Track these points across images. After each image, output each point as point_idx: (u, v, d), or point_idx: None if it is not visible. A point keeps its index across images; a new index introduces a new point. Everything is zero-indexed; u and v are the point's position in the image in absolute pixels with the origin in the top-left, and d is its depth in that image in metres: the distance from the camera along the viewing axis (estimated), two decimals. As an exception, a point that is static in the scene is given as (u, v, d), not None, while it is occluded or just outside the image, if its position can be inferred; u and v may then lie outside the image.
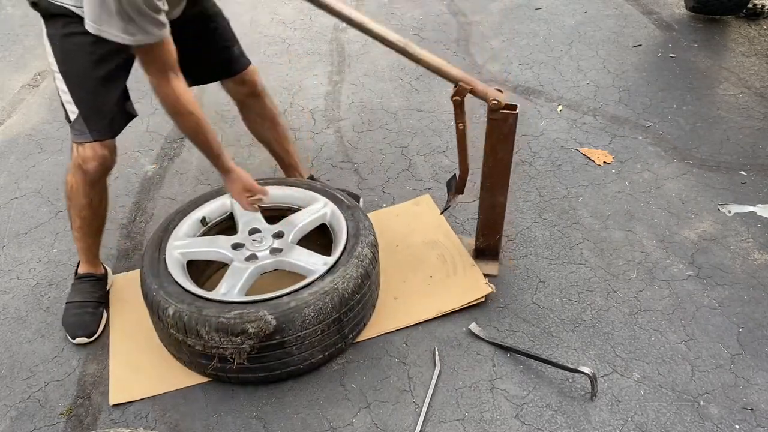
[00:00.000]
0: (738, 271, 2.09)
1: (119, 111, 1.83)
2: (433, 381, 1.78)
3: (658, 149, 2.70)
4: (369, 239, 1.88)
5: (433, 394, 1.75)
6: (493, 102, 1.75)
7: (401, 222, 2.34)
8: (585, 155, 2.68)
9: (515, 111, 1.78)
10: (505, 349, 1.86)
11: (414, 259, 2.15)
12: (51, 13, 1.71)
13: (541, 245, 2.24)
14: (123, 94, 1.85)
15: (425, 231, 2.27)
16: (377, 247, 1.92)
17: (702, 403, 1.70)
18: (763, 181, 2.48)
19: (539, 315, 1.97)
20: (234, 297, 1.74)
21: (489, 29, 3.80)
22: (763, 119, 2.85)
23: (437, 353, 1.86)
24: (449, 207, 2.12)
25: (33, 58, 3.82)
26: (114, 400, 1.78)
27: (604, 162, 2.63)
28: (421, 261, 2.14)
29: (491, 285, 2.01)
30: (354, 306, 1.78)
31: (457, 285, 2.04)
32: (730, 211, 2.35)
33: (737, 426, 1.64)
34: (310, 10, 4.02)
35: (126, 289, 2.12)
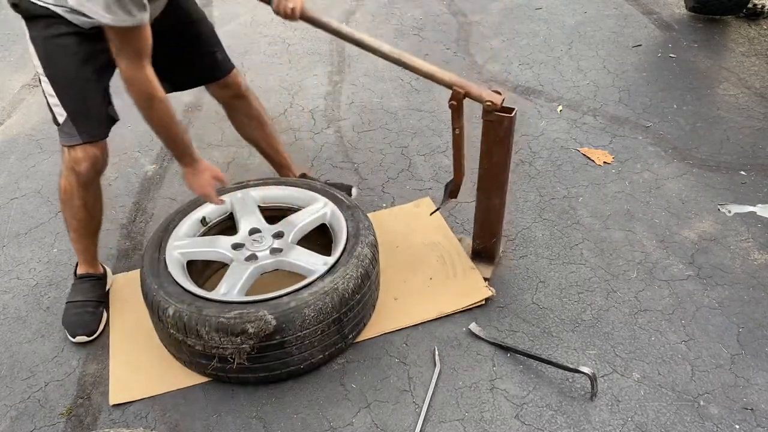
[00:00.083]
0: (738, 271, 2.09)
1: (106, 112, 1.82)
2: (433, 381, 1.78)
3: (658, 149, 2.70)
4: (369, 239, 1.88)
5: (433, 394, 1.75)
6: (488, 103, 1.75)
7: (401, 223, 2.34)
8: (585, 155, 2.68)
9: (511, 114, 1.76)
10: (505, 349, 1.86)
11: (414, 260, 2.15)
12: (32, 15, 1.69)
13: (541, 245, 2.24)
14: (106, 95, 1.83)
15: (425, 232, 2.27)
16: (377, 248, 1.92)
17: (702, 403, 1.70)
18: (763, 181, 2.49)
19: (539, 315, 1.97)
20: (234, 297, 1.74)
21: (489, 29, 3.80)
22: (763, 119, 2.85)
23: (437, 353, 1.86)
24: (438, 209, 2.13)
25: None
26: (114, 400, 1.78)
27: (604, 162, 2.63)
28: (421, 262, 2.15)
29: (491, 288, 2.01)
30: (354, 306, 1.78)
31: (457, 287, 2.04)
32: (730, 211, 2.35)
33: (737, 426, 1.64)
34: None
35: (126, 289, 2.12)
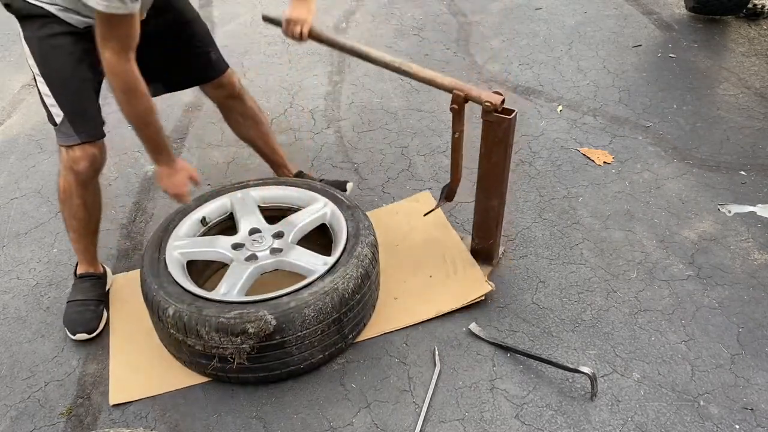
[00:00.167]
0: (738, 271, 2.09)
1: (100, 111, 1.81)
2: (433, 381, 1.78)
3: (658, 149, 2.70)
4: (369, 239, 1.88)
5: (433, 394, 1.75)
6: (486, 104, 1.75)
7: (401, 220, 2.34)
8: (585, 155, 2.68)
9: (510, 116, 1.75)
10: (505, 349, 1.86)
11: (414, 259, 2.15)
12: (26, 14, 1.68)
13: (541, 245, 2.24)
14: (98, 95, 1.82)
15: (425, 230, 2.27)
16: (377, 247, 1.92)
17: (702, 403, 1.70)
18: (763, 181, 2.48)
19: (539, 315, 1.97)
20: (234, 297, 1.74)
21: (489, 29, 3.80)
22: (763, 119, 2.85)
23: (437, 353, 1.86)
24: (432, 211, 2.14)
25: (33, 58, 3.82)
26: (114, 400, 1.78)
27: (604, 162, 2.63)
28: (421, 261, 2.14)
29: (491, 283, 2.01)
30: (354, 306, 1.78)
31: (457, 285, 2.04)
32: (730, 211, 2.34)
33: (737, 426, 1.64)
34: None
35: (126, 289, 2.12)
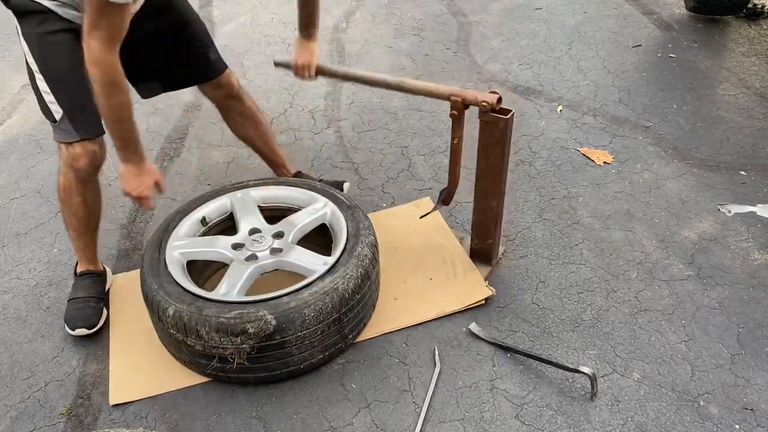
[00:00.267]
0: (738, 271, 2.09)
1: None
2: (433, 381, 1.78)
3: (658, 149, 2.70)
4: (369, 239, 1.88)
5: (433, 394, 1.75)
6: (483, 103, 1.75)
7: (401, 223, 2.34)
8: (585, 155, 2.68)
9: (507, 116, 1.75)
10: (505, 349, 1.86)
11: (414, 261, 2.15)
12: (24, 10, 1.67)
13: (541, 245, 2.24)
14: None
15: (425, 232, 2.27)
16: (377, 248, 1.92)
17: (702, 403, 1.70)
18: (763, 181, 2.48)
19: (539, 315, 1.97)
20: (234, 297, 1.74)
21: (489, 29, 3.80)
22: (763, 119, 2.85)
23: (437, 353, 1.86)
24: (428, 214, 2.15)
25: (33, 58, 3.82)
26: (114, 400, 1.78)
27: (604, 162, 2.63)
28: (421, 262, 2.14)
29: (491, 288, 2.01)
30: (354, 306, 1.78)
31: (458, 287, 2.04)
32: (730, 211, 2.34)
33: (737, 426, 1.64)
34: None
35: (126, 289, 2.12)
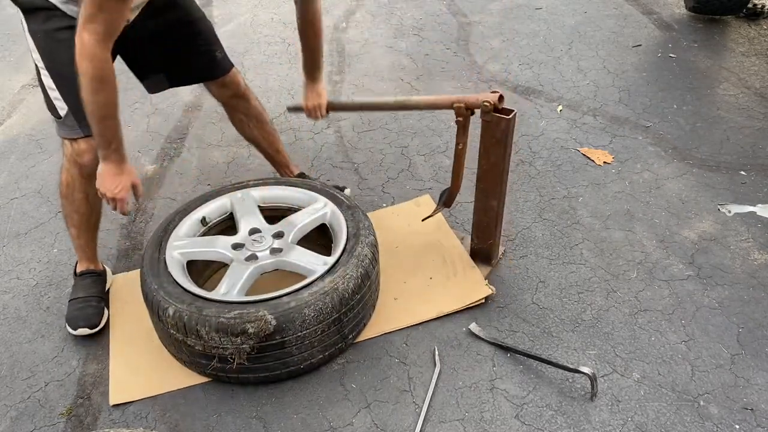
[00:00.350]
0: (738, 271, 2.09)
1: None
2: (433, 381, 1.78)
3: (658, 149, 2.70)
4: (369, 239, 1.88)
5: (433, 394, 1.75)
6: (485, 104, 1.75)
7: (401, 222, 2.34)
8: (585, 155, 2.68)
9: (509, 116, 1.75)
10: (505, 349, 1.86)
11: (414, 260, 2.15)
12: (30, 7, 1.69)
13: (541, 245, 2.24)
14: None
15: (425, 232, 2.27)
16: (377, 247, 1.92)
17: (702, 403, 1.70)
18: (763, 181, 2.48)
19: (539, 315, 1.97)
20: (234, 297, 1.74)
21: (489, 29, 3.80)
22: (763, 119, 2.85)
23: (437, 353, 1.86)
24: (430, 216, 2.16)
25: (33, 58, 3.82)
26: (114, 400, 1.78)
27: (604, 162, 2.63)
28: (421, 262, 2.14)
29: (491, 287, 2.01)
30: (354, 306, 1.78)
31: (457, 287, 2.04)
32: (730, 211, 2.34)
33: (737, 426, 1.64)
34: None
35: (126, 289, 2.12)
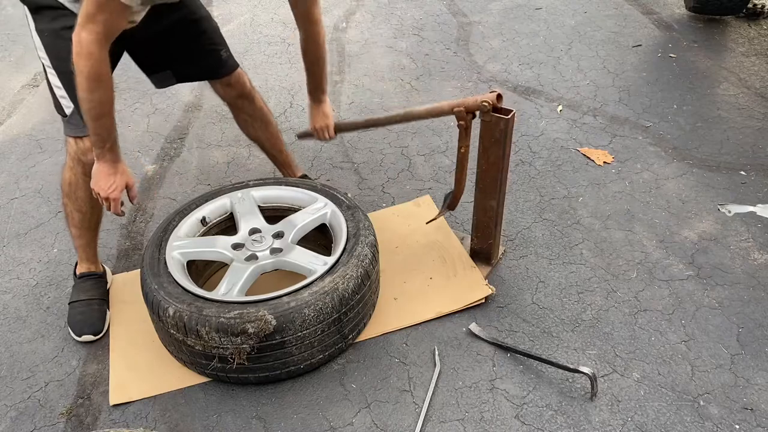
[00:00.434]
0: (738, 271, 2.09)
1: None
2: (433, 381, 1.78)
3: (658, 149, 2.70)
4: (369, 239, 1.88)
5: (433, 394, 1.75)
6: (484, 104, 1.75)
7: (401, 222, 2.34)
8: (585, 155, 2.68)
9: (508, 116, 1.75)
10: (505, 349, 1.86)
11: (414, 260, 2.15)
12: (38, 6, 1.70)
13: (541, 245, 2.24)
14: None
15: (425, 232, 2.27)
16: (377, 248, 1.92)
17: (702, 403, 1.70)
18: (763, 181, 2.48)
19: (539, 315, 1.97)
20: (234, 297, 1.74)
21: (489, 29, 3.80)
22: (763, 119, 2.85)
23: (437, 353, 1.86)
24: (434, 219, 2.16)
25: (33, 58, 3.81)
26: (114, 400, 1.78)
27: (604, 162, 2.63)
28: (421, 262, 2.14)
29: (491, 286, 2.01)
30: (354, 306, 1.78)
31: (457, 287, 2.04)
32: (730, 211, 2.34)
33: (737, 426, 1.64)
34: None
35: (126, 289, 2.12)
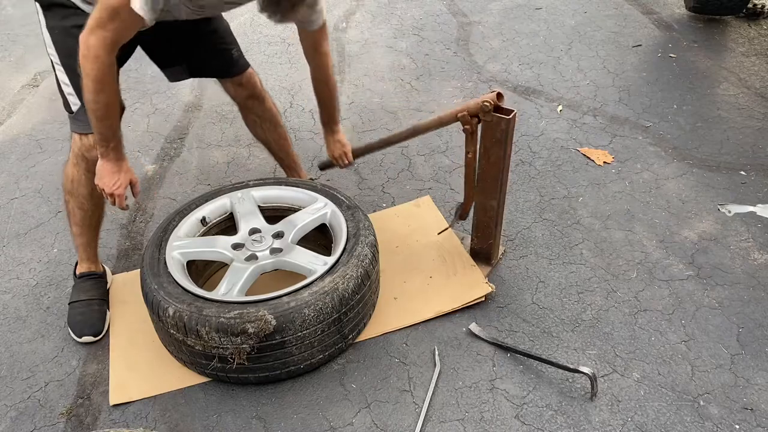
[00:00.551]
0: (738, 271, 2.09)
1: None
2: (433, 381, 1.78)
3: (658, 149, 2.70)
4: (369, 239, 1.88)
5: (433, 394, 1.75)
6: (485, 104, 1.75)
7: (401, 222, 2.34)
8: (585, 155, 2.68)
9: (509, 116, 1.76)
10: (505, 349, 1.86)
11: (414, 260, 2.15)
12: (49, 3, 1.71)
13: (541, 245, 2.24)
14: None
15: (425, 232, 2.27)
16: (377, 248, 1.92)
17: (702, 403, 1.70)
18: (763, 181, 2.48)
19: (539, 315, 1.97)
20: (234, 297, 1.74)
21: (489, 29, 3.80)
22: (763, 119, 2.85)
23: (437, 353, 1.86)
24: (445, 230, 2.19)
25: (33, 58, 3.82)
26: (114, 400, 1.78)
27: (604, 162, 2.63)
28: (421, 262, 2.14)
29: (491, 285, 2.01)
30: (354, 306, 1.78)
31: (458, 285, 2.04)
32: (730, 211, 2.34)
33: (737, 426, 1.64)
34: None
35: (126, 289, 2.12)
